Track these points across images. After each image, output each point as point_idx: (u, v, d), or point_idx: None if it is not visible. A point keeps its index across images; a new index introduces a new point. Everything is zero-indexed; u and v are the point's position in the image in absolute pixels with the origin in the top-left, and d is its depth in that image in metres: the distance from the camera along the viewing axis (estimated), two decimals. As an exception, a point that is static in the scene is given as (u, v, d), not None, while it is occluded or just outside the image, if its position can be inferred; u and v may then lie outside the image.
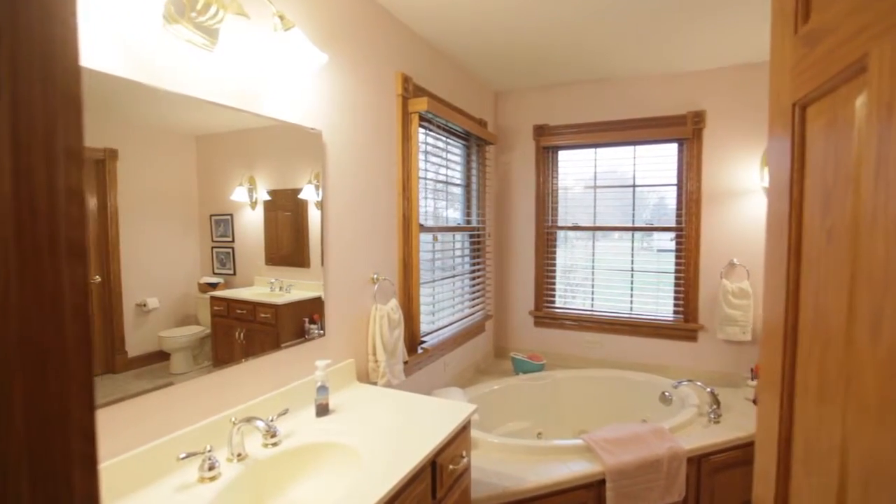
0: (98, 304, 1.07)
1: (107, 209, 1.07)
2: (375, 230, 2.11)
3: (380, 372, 2.00)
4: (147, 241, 1.15)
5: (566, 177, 3.35)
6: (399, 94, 2.24)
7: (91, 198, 1.05)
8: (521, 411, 2.94)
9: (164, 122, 1.19)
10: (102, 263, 1.07)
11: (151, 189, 1.16)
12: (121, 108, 1.10)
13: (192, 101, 1.27)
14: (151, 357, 1.17)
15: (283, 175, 1.60)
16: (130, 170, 1.11)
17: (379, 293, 2.10)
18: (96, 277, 1.07)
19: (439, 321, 2.68)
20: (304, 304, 1.70)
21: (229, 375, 1.43)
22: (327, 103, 1.79)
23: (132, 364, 1.13)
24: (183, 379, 1.26)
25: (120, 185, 1.09)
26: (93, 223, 1.05)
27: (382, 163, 2.15)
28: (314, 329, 1.77)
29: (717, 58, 2.71)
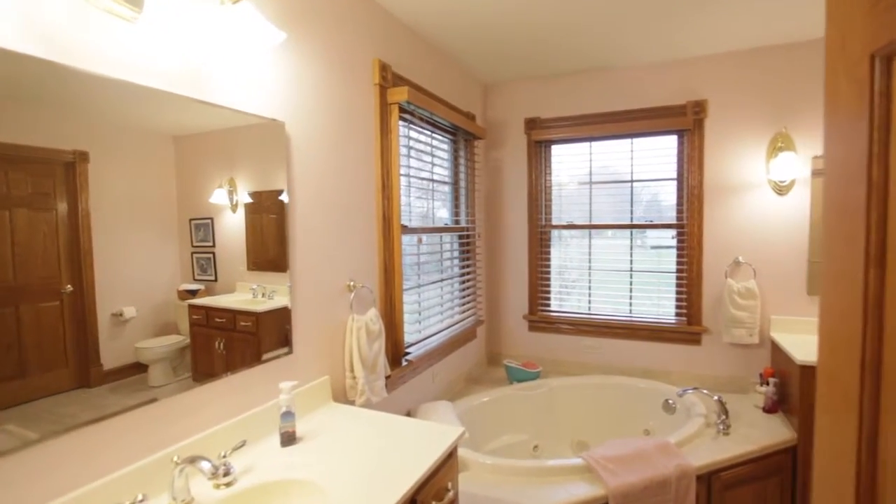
0: (70, 314, 1.02)
1: (78, 214, 1.03)
2: (351, 233, 1.92)
3: (358, 390, 1.81)
4: (123, 248, 1.10)
5: (560, 173, 3.16)
6: (376, 83, 2.04)
7: (61, 203, 1.00)
8: (515, 423, 2.75)
9: (138, 122, 1.14)
10: (74, 271, 1.02)
11: (127, 193, 1.11)
12: (91, 108, 1.04)
13: (123, 85, 1.10)
14: (128, 369, 1.12)
15: (266, 176, 1.51)
16: (103, 173, 1.06)
17: (356, 302, 1.91)
18: (68, 287, 1.02)
19: (426, 329, 2.49)
20: (287, 311, 1.60)
21: (173, 406, 1.23)
22: (291, 91, 1.60)
23: (108, 377, 1.08)
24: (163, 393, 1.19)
25: (92, 189, 1.04)
26: (63, 229, 1.00)
27: (359, 158, 1.96)
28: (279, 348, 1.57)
29: (719, 43, 2.54)
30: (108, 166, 1.07)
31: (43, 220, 0.98)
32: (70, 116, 1.02)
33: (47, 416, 0.98)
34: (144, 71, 1.14)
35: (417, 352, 2.31)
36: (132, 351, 1.13)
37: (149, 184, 1.16)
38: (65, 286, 1.02)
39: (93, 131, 1.05)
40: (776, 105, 2.56)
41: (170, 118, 1.21)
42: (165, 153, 1.19)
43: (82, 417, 1.04)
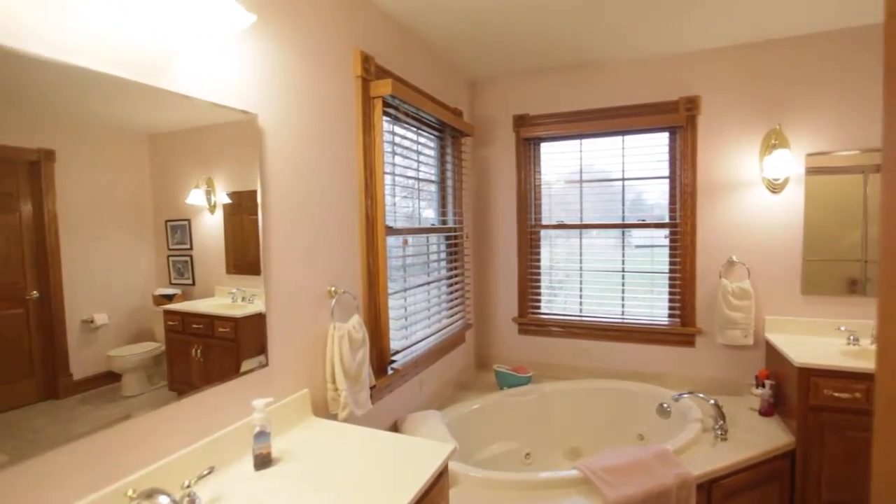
0: (36, 321, 0.97)
1: (44, 216, 0.97)
2: (333, 234, 1.80)
3: (340, 403, 1.69)
4: (94, 251, 1.05)
5: (549, 171, 3.08)
6: (358, 75, 1.92)
7: (25, 204, 0.95)
8: (506, 431, 2.65)
9: (108, 119, 1.07)
10: (41, 276, 0.98)
11: (97, 193, 1.05)
12: (54, 103, 0.98)
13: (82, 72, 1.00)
14: (100, 378, 1.07)
15: (245, 175, 1.42)
16: (71, 172, 1.01)
17: (338, 309, 1.78)
18: (33, 293, 0.97)
19: (413, 335, 2.38)
20: (262, 320, 1.49)
21: (130, 430, 1.10)
22: (264, 82, 1.47)
23: (78, 387, 1.03)
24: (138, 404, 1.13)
25: (59, 190, 0.99)
26: (28, 232, 0.96)
27: (340, 155, 1.84)
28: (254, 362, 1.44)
29: (712, 38, 2.47)
30: (76, 165, 1.01)
31: (5, 223, 0.93)
32: (32, 112, 0.95)
33: (9, 432, 0.92)
34: (103, 56, 1.01)
35: (404, 359, 2.20)
36: (104, 359, 1.08)
37: (121, 184, 1.09)
38: (30, 292, 0.97)
39: (59, 128, 0.98)
40: (770, 102, 2.51)
41: (139, 113, 1.12)
42: (139, 152, 1.13)
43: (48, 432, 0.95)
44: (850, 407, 2.04)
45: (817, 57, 2.42)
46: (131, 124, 1.11)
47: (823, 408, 2.08)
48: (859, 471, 2.04)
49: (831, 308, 2.48)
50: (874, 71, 2.35)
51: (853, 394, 2.04)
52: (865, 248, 2.41)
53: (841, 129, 2.41)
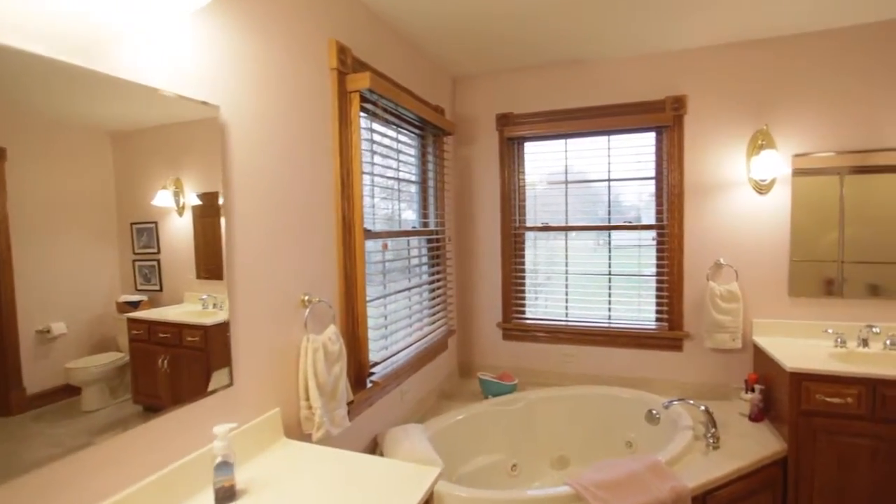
0: None
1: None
2: (306, 239, 1.66)
3: (315, 422, 1.55)
4: (51, 256, 0.97)
5: (534, 171, 2.99)
6: (334, 67, 1.79)
7: None
8: (491, 442, 2.54)
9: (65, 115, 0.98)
10: None
11: (54, 194, 0.98)
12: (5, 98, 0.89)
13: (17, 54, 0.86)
14: (58, 392, 0.99)
15: (216, 176, 1.32)
16: (24, 172, 0.93)
17: (312, 319, 1.65)
18: None
19: (394, 344, 2.25)
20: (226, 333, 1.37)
21: (64, 469, 0.95)
22: (227, 70, 1.33)
23: (32, 403, 0.95)
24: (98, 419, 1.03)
25: (10, 190, 0.91)
26: None
27: (314, 153, 1.70)
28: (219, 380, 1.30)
29: (700, 36, 2.42)
30: (30, 164, 0.94)
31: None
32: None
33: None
34: (32, 35, 0.86)
35: (384, 370, 2.07)
36: (62, 372, 0.99)
37: (82, 184, 1.02)
38: (-24, 300, 0.88)
39: (9, 125, 0.90)
40: (757, 101, 2.47)
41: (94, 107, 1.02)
42: (100, 150, 1.05)
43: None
44: (841, 412, 2.00)
45: (805, 57, 2.39)
46: (90, 120, 1.02)
47: (815, 413, 2.04)
48: (851, 477, 2.00)
49: (818, 310, 2.46)
50: (860, 72, 2.33)
51: (845, 398, 2.00)
52: (842, 248, 2.39)
53: (825, 130, 2.39)
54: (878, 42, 2.30)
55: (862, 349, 2.29)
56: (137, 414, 1.12)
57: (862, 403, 1.98)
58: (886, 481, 1.96)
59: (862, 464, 1.99)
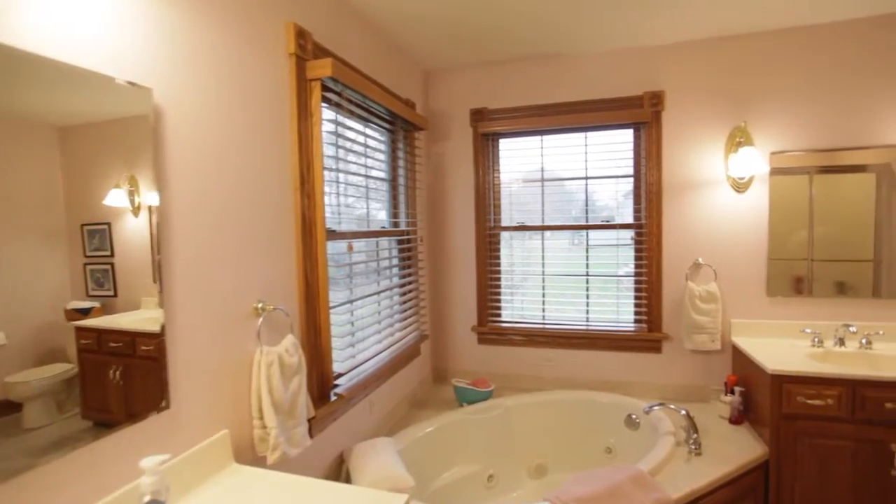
0: None
1: None
2: (260, 240, 1.50)
3: (270, 443, 1.40)
4: None
5: (509, 169, 2.88)
6: (292, 52, 1.64)
7: None
8: (467, 452, 2.42)
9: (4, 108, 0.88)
10: None
11: None
12: None
13: None
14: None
15: None
16: None
17: (267, 329, 1.49)
18: None
19: (361, 353, 2.10)
20: (161, 347, 1.23)
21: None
22: (161, 50, 1.16)
23: None
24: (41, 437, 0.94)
25: None
26: None
27: (269, 145, 1.54)
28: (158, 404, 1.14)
29: (677, 31, 2.35)
30: None
31: None
32: None
33: None
34: None
35: (350, 381, 1.92)
36: (0, 386, 0.91)
37: (23, 183, 0.92)
38: None
39: None
40: (735, 98, 2.42)
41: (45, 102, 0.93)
42: (46, 147, 0.96)
43: None
44: (821, 414, 1.96)
45: (781, 53, 2.36)
46: (33, 115, 0.92)
47: (796, 416, 1.99)
48: (832, 480, 1.96)
49: (795, 309, 2.43)
50: (833, 69, 2.31)
51: (825, 400, 1.96)
52: (812, 247, 2.37)
53: (800, 127, 2.36)
54: (851, 40, 2.27)
55: (839, 349, 2.26)
56: (87, 430, 1.02)
57: (842, 405, 1.94)
58: (867, 483, 1.93)
59: (842, 466, 1.95)
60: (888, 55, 2.24)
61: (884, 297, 2.33)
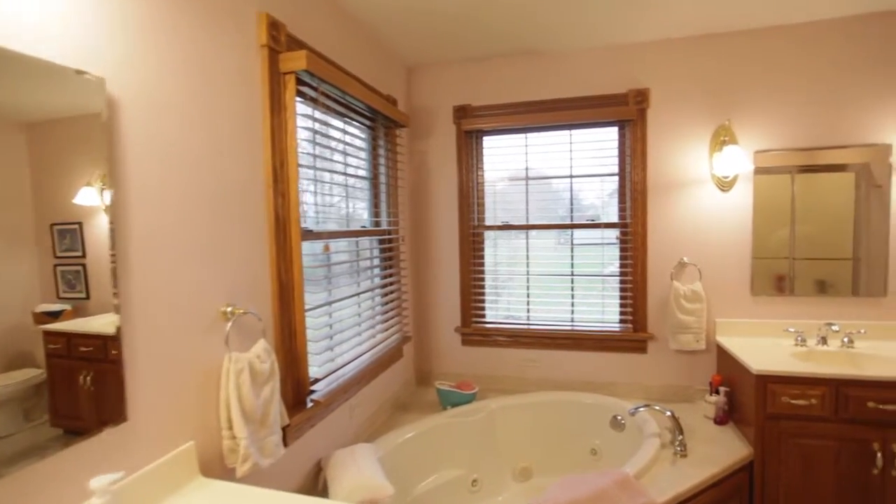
0: None
1: None
2: (229, 240, 1.43)
3: (240, 454, 1.32)
4: None
5: (493, 168, 2.83)
6: (264, 44, 1.56)
7: None
8: (450, 456, 2.37)
9: None
10: None
11: None
12: None
13: None
14: None
15: None
16: None
17: (236, 334, 1.42)
18: None
19: (340, 357, 2.04)
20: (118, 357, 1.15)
21: None
22: (118, 37, 1.09)
23: None
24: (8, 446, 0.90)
25: None
26: None
27: (238, 140, 1.47)
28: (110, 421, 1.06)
29: (661, 28, 2.33)
30: None
31: None
32: None
33: None
34: None
35: (328, 386, 1.86)
36: None
37: None
38: None
39: None
40: (720, 96, 2.40)
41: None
42: (12, 143, 0.91)
43: None
44: (806, 414, 1.95)
45: (764, 52, 2.34)
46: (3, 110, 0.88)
47: (781, 416, 1.98)
48: (816, 480, 1.95)
49: (779, 308, 2.42)
50: (815, 69, 2.30)
51: (810, 400, 1.95)
52: (793, 246, 2.37)
53: (784, 126, 2.35)
54: (833, 38, 2.27)
55: (822, 348, 2.26)
56: (56, 438, 0.98)
57: (826, 404, 1.94)
58: (849, 483, 1.92)
59: (826, 466, 1.95)
60: (868, 54, 2.24)
61: (862, 296, 2.34)
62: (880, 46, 2.23)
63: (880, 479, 1.90)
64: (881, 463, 1.89)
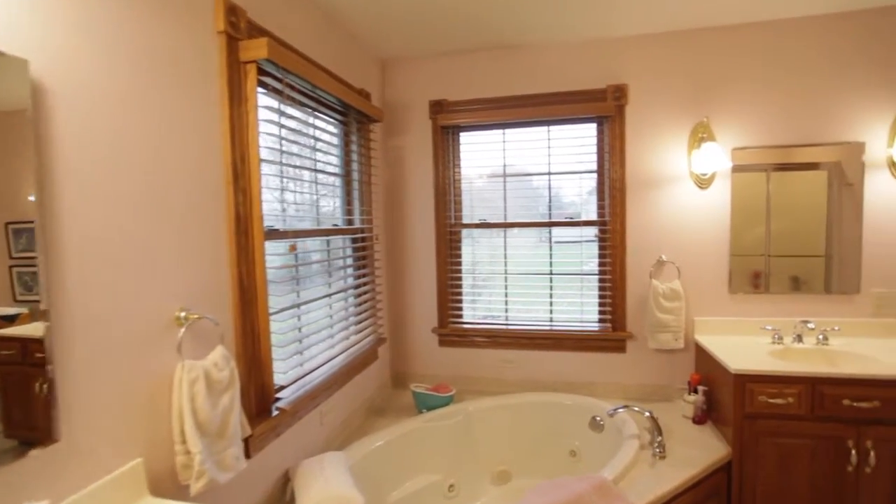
0: None
1: None
2: (181, 241, 1.33)
3: (195, 470, 1.23)
4: None
5: (470, 164, 2.77)
6: (221, 29, 1.46)
7: None
8: (426, 461, 2.30)
9: None
10: None
11: None
12: None
13: None
14: None
15: None
16: None
17: (191, 341, 1.32)
18: None
19: (310, 361, 1.95)
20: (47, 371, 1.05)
21: None
22: (46, 15, 0.98)
23: None
24: None
25: None
26: None
27: (190, 133, 1.37)
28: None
29: (642, 23, 2.29)
30: None
31: None
32: None
33: None
34: None
35: (296, 392, 1.77)
36: None
37: None
38: None
39: None
40: (698, 92, 2.38)
41: None
42: None
43: None
44: (783, 412, 1.94)
45: (741, 48, 2.32)
46: None
47: (758, 415, 1.96)
48: (792, 478, 1.94)
49: (756, 306, 2.42)
50: (790, 66, 2.29)
51: (787, 398, 1.93)
52: (769, 243, 2.37)
53: (761, 124, 2.34)
54: (810, 36, 2.26)
55: (798, 345, 2.26)
56: (12, 449, 0.93)
57: (802, 403, 1.93)
58: (825, 480, 1.92)
59: (802, 464, 1.94)
60: (844, 51, 2.24)
61: (834, 293, 2.35)
62: (855, 44, 2.23)
63: (854, 476, 1.90)
64: (856, 460, 1.89)
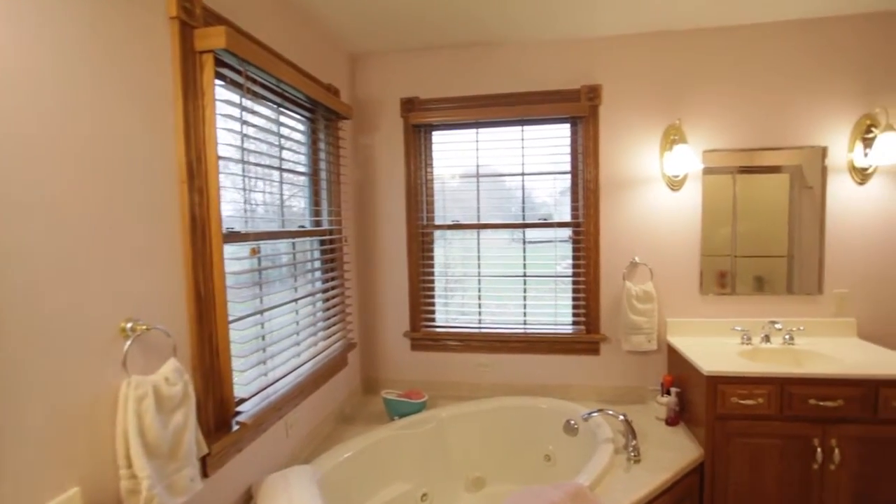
0: None
1: None
2: (129, 245, 1.21)
3: (142, 496, 1.12)
4: None
5: (443, 164, 2.70)
6: (174, 15, 1.35)
7: None
8: (398, 470, 2.23)
9: None
10: None
11: None
12: None
13: None
14: None
15: None
16: None
17: (139, 355, 1.21)
18: None
19: (275, 370, 1.84)
20: None
21: None
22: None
23: None
24: None
25: None
26: None
27: (137, 128, 1.25)
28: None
29: (614, 23, 2.27)
30: None
31: None
32: None
33: None
34: None
35: (259, 404, 1.66)
36: None
37: None
38: None
39: None
40: (670, 94, 2.39)
41: None
42: None
43: None
44: (753, 413, 1.96)
45: (712, 51, 2.34)
46: None
47: (730, 416, 1.97)
48: (762, 478, 1.96)
49: (725, 307, 2.44)
50: (758, 70, 2.32)
51: (757, 399, 1.95)
52: (735, 244, 2.40)
53: (729, 127, 2.37)
54: (778, 41, 2.30)
55: (766, 345, 2.29)
56: None
57: (771, 403, 1.95)
58: (791, 478, 1.95)
59: (771, 463, 1.96)
60: (806, 59, 2.28)
61: (797, 293, 2.40)
62: (818, 51, 2.27)
63: (819, 473, 1.93)
64: (820, 458, 1.92)
